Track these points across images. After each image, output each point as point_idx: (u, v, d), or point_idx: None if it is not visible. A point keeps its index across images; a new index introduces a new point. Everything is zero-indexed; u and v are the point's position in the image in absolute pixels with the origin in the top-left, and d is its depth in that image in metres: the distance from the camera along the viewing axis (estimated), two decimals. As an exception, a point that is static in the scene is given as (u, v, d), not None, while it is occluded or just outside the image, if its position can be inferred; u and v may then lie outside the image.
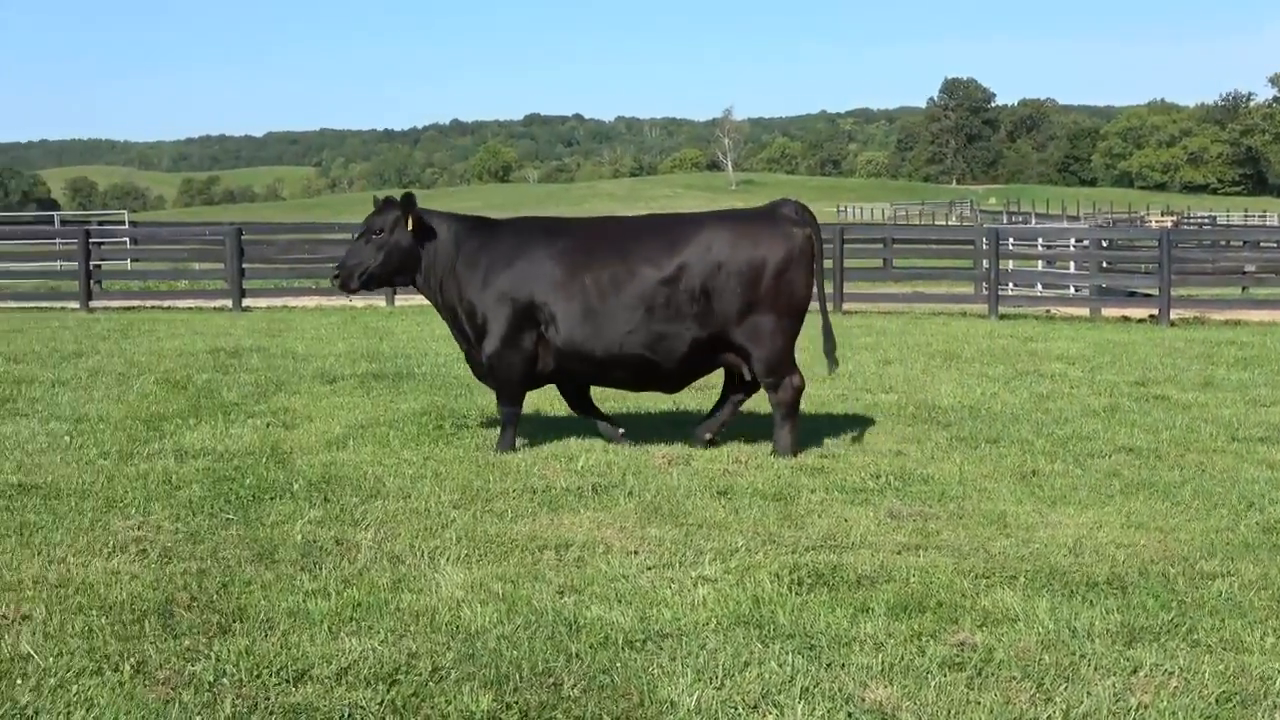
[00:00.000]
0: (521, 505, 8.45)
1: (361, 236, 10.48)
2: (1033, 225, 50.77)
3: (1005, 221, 67.20)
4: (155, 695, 5.21)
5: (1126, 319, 24.80)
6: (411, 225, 10.25)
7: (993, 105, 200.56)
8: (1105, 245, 29.28)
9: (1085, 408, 12.71)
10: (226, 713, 5.08)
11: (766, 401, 10.40)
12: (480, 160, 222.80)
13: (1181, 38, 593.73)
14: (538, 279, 10.08)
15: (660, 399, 12.33)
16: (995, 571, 6.99)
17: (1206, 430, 11.48)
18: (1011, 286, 29.07)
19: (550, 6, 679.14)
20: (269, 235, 36.68)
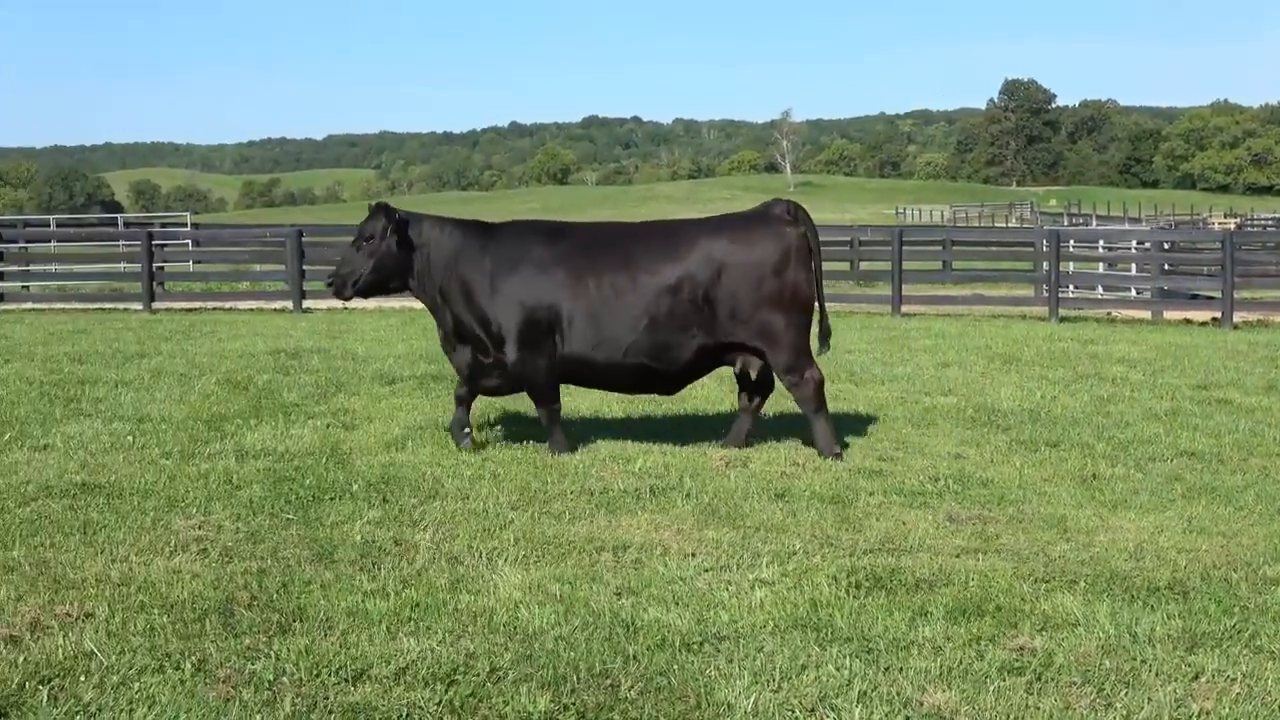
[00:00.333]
0: (579, 507, 8.46)
1: (354, 243, 10.42)
2: (1094, 227, 50.31)
3: (1066, 223, 66.66)
4: (216, 693, 5.25)
5: (1189, 322, 24.55)
6: (397, 233, 10.19)
7: (1053, 106, 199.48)
8: (1167, 247, 29.04)
9: (1147, 411, 12.60)
10: (286, 711, 5.11)
11: (792, 403, 10.35)
12: (539, 162, 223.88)
13: (1245, 37, 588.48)
14: (545, 285, 10.04)
15: (715, 403, 12.32)
16: (1055, 576, 6.94)
17: (1270, 434, 11.37)
18: (1072, 289, 28.86)
19: (609, 9, 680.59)
20: (329, 237, 36.86)
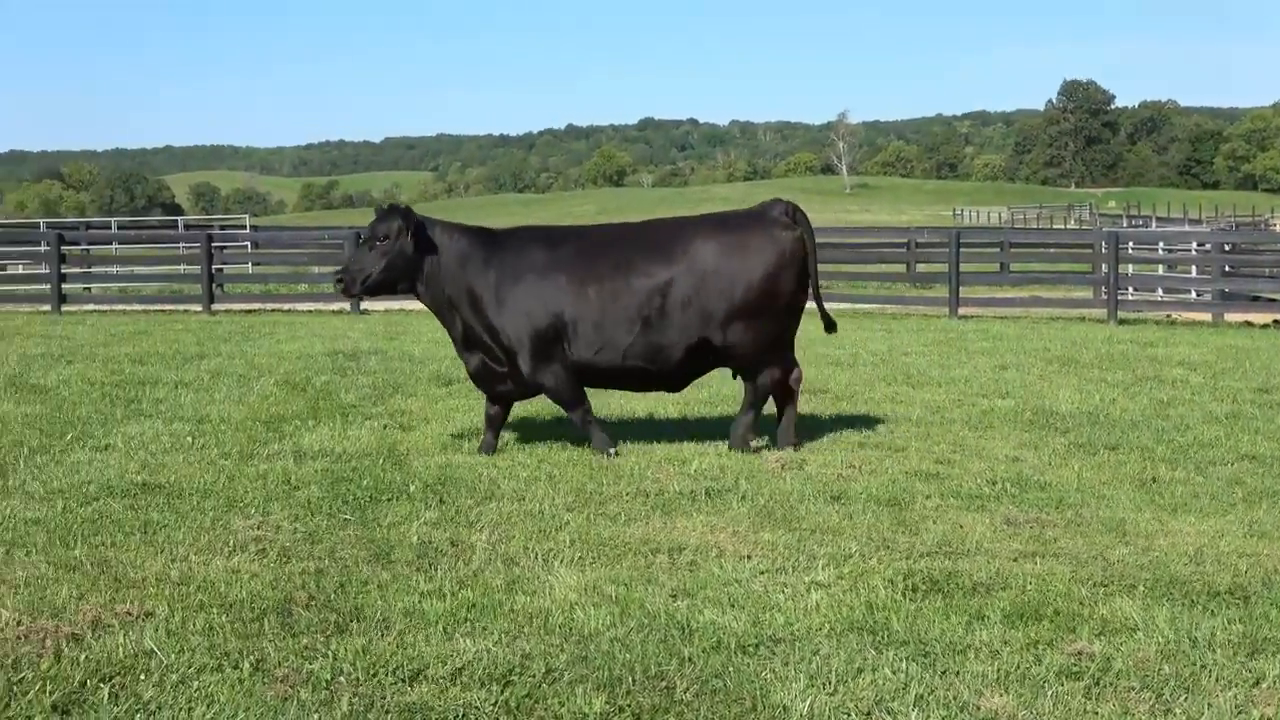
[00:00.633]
0: (635, 508, 8.47)
1: (365, 242, 10.42)
2: (1153, 229, 49.86)
3: (1125, 225, 66.10)
4: (274, 692, 5.29)
5: (1249, 324, 24.32)
6: (413, 235, 10.17)
7: (1112, 107, 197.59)
8: (1228, 249, 28.71)
9: (1207, 414, 12.49)
10: (343, 710, 5.14)
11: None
12: (595, 164, 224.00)
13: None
14: (545, 292, 10.07)
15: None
16: (1114, 580, 6.89)
17: (1333, 438, 11.24)
18: (1131, 291, 28.61)
19: (664, 11, 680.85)
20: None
